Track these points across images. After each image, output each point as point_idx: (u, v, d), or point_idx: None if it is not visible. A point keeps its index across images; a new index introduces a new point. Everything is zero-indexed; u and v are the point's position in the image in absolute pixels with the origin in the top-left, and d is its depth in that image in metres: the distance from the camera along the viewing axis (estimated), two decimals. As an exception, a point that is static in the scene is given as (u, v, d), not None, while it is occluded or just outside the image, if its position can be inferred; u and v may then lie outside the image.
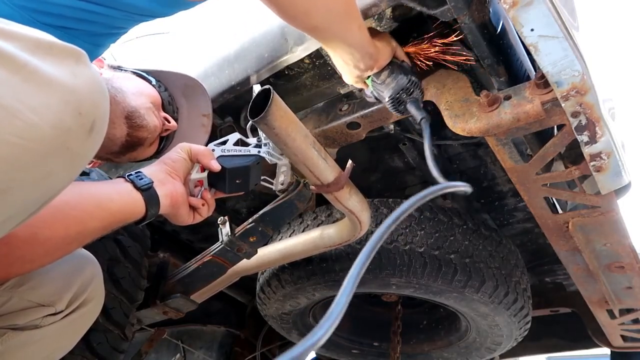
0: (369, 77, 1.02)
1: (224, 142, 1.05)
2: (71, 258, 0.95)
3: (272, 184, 1.10)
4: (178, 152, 0.97)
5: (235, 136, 1.07)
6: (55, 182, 0.59)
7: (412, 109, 1.01)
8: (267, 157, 1.05)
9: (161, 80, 1.22)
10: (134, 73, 1.20)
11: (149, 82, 1.19)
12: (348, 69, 1.01)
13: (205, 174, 0.98)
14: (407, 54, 1.05)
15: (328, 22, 0.88)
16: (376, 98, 1.07)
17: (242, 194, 1.04)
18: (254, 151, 1.04)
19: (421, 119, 1.00)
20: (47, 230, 0.71)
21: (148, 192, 0.86)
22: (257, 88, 0.95)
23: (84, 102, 0.57)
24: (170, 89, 1.23)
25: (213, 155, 0.99)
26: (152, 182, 0.87)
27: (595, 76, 0.87)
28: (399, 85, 0.99)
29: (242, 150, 1.04)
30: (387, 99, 1.01)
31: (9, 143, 0.51)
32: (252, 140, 1.08)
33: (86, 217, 0.77)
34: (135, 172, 0.88)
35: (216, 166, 0.97)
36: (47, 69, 0.54)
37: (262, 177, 1.07)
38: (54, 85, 0.54)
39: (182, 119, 1.25)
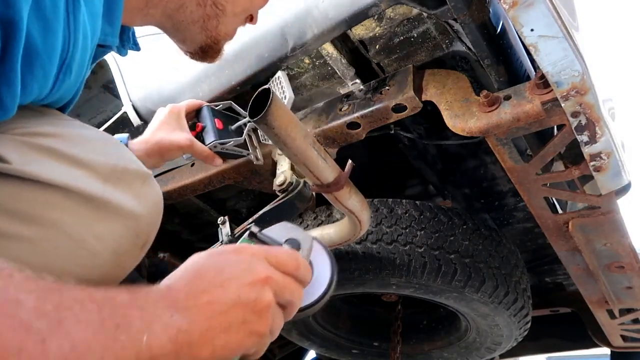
0: None
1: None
2: None
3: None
4: None
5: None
6: None
7: None
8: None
9: None
10: None
11: None
12: None
13: None
14: None
15: None
16: None
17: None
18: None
19: None
20: None
21: None
22: None
23: (143, 226, 0.61)
24: None
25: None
26: None
27: (595, 76, 0.87)
28: None
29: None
30: None
31: (71, 273, 0.53)
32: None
33: None
34: None
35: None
36: (116, 196, 0.57)
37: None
38: (119, 212, 0.57)
39: None
